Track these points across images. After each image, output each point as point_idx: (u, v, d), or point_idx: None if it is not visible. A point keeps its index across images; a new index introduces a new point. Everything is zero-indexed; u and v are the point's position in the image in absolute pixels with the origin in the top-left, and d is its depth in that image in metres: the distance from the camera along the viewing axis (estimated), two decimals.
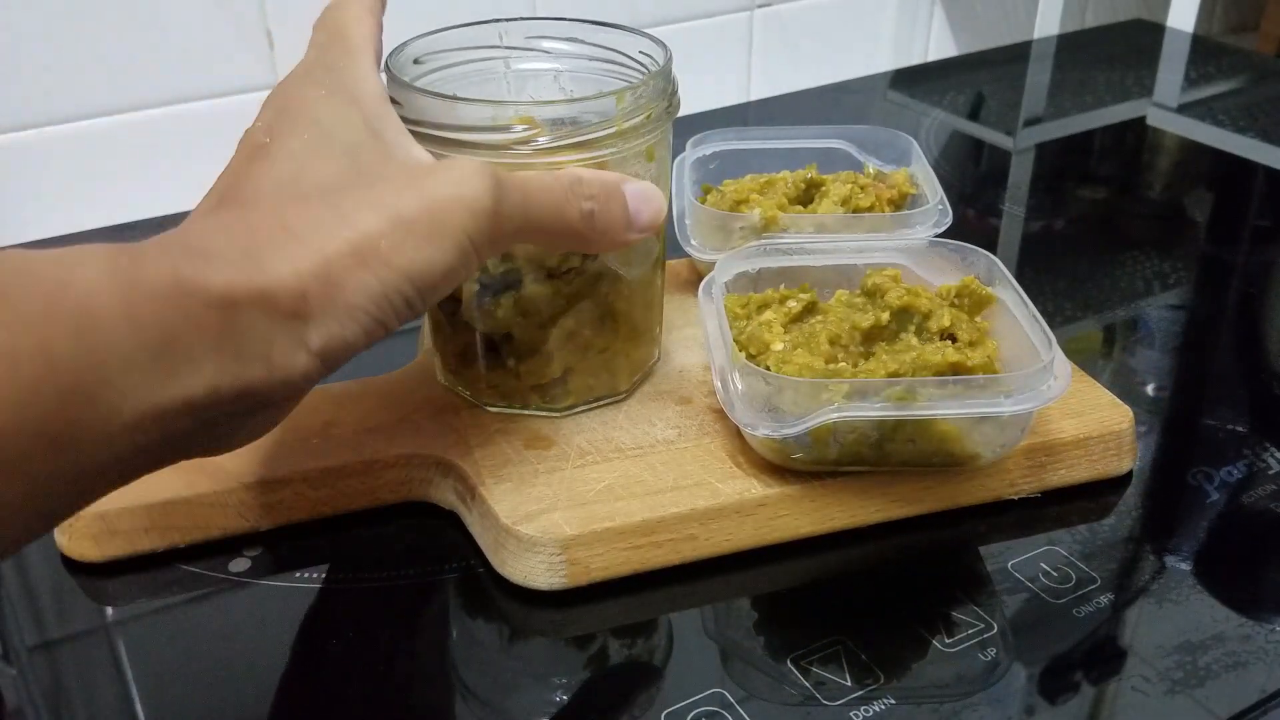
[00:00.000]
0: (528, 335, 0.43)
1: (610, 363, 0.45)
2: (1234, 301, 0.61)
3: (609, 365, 0.45)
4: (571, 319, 0.43)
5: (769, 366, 0.41)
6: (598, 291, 0.43)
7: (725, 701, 0.36)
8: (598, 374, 0.45)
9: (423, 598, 0.41)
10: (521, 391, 0.45)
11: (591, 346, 0.44)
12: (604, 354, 0.45)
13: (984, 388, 0.39)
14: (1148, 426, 0.49)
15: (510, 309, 0.43)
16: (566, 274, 0.42)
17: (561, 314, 0.43)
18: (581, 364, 0.44)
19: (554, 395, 0.45)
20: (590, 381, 0.45)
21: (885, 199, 0.54)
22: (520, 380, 0.44)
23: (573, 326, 0.43)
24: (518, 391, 0.45)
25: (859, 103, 0.87)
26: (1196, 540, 0.43)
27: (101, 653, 0.39)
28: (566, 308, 0.43)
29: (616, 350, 0.45)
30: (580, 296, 0.43)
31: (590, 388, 0.45)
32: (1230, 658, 0.38)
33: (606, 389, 0.46)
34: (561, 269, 0.42)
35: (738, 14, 0.87)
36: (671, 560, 0.41)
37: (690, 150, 0.57)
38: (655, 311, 0.47)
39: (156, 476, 0.42)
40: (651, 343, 0.48)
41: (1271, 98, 0.86)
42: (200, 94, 0.70)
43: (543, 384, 0.44)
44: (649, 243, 0.44)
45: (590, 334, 0.44)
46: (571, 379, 0.45)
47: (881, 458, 0.42)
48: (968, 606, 0.40)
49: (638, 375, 0.47)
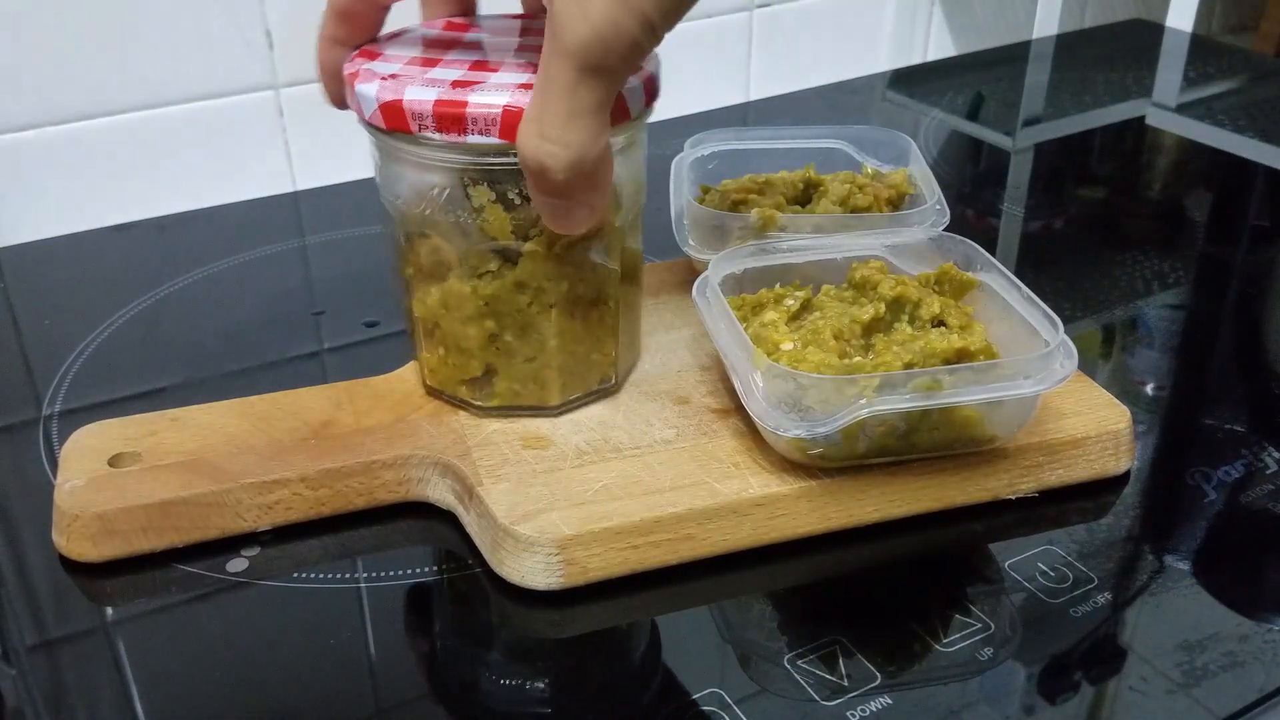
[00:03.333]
0: (452, 328, 0.44)
1: (539, 374, 0.44)
2: (1233, 301, 0.61)
3: (538, 376, 0.44)
4: (491, 321, 0.43)
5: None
6: (517, 300, 0.43)
7: (723, 701, 0.36)
8: (525, 382, 0.44)
9: (420, 598, 0.41)
10: (452, 382, 0.45)
11: (516, 354, 0.44)
12: (531, 364, 0.44)
13: (1005, 371, 0.40)
14: (1146, 426, 0.49)
15: (437, 300, 0.43)
16: (484, 276, 0.42)
17: (481, 315, 0.43)
18: (506, 368, 0.44)
19: (480, 393, 0.45)
20: (515, 388, 0.45)
21: (883, 199, 0.54)
22: (450, 370, 0.45)
23: (493, 329, 0.43)
24: (449, 381, 0.45)
25: (858, 103, 0.87)
26: (1194, 540, 0.43)
27: (100, 653, 0.39)
28: (486, 310, 0.43)
29: (546, 363, 0.44)
30: (500, 301, 0.43)
31: (516, 394, 0.45)
32: (1228, 657, 0.38)
33: (534, 399, 0.45)
34: (479, 270, 0.42)
35: (737, 14, 0.87)
36: (669, 560, 0.41)
37: (689, 150, 0.57)
38: (604, 339, 0.45)
39: (155, 477, 0.42)
40: (594, 366, 0.46)
41: (1271, 97, 0.86)
42: (200, 94, 0.70)
43: (468, 379, 0.45)
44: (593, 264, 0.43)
45: (514, 341, 0.44)
46: (496, 381, 0.44)
47: (907, 448, 0.42)
48: (965, 606, 0.40)
49: (575, 395, 0.46)
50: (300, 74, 0.72)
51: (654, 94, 0.42)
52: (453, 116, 0.38)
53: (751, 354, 0.41)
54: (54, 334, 0.57)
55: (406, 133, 0.39)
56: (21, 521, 0.45)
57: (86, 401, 0.51)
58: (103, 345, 0.56)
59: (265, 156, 0.73)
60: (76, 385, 0.53)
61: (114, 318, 0.58)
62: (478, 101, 0.38)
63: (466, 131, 0.39)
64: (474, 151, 0.39)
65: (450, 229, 0.42)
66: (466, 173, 0.40)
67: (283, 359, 0.55)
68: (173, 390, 0.52)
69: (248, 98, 0.71)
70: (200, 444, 0.44)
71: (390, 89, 0.39)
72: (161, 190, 0.70)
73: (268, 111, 0.72)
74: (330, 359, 0.55)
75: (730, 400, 0.46)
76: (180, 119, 0.70)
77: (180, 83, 0.69)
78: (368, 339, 0.56)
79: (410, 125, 0.39)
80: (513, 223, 0.41)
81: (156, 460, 0.43)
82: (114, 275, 0.63)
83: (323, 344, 0.57)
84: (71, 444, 0.44)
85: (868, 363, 0.42)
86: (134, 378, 0.53)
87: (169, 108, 0.70)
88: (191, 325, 0.58)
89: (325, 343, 0.57)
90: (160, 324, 0.58)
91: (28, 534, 0.44)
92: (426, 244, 0.43)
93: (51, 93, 0.66)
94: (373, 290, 0.60)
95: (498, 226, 0.41)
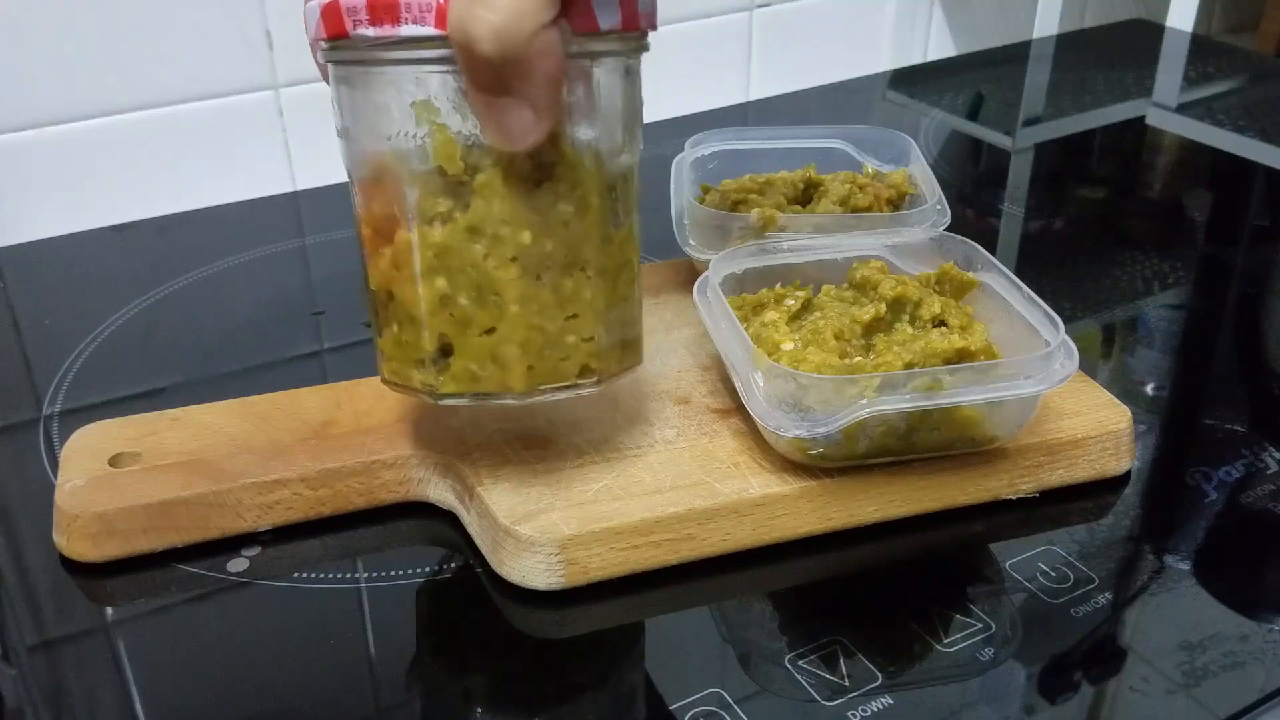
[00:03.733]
0: (403, 293, 0.39)
1: (499, 350, 0.38)
2: (1233, 301, 0.61)
3: (497, 353, 0.38)
4: (443, 278, 0.38)
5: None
6: (471, 252, 0.37)
7: (723, 701, 0.36)
8: (483, 361, 0.39)
9: (420, 598, 0.41)
10: (407, 366, 0.40)
11: (473, 323, 0.38)
12: (490, 337, 0.38)
13: (1005, 371, 0.40)
14: (1146, 426, 0.49)
15: (388, 262, 0.39)
16: (432, 221, 0.37)
17: (431, 270, 0.38)
18: (462, 342, 0.39)
19: (435, 375, 0.39)
20: (473, 368, 0.39)
21: (884, 199, 0.54)
22: (403, 350, 0.40)
23: (445, 289, 0.38)
24: (404, 365, 0.40)
25: (858, 103, 0.87)
26: (1195, 540, 0.43)
27: (100, 653, 0.39)
28: (437, 264, 0.38)
29: (507, 336, 0.38)
30: (450, 253, 0.38)
31: (474, 376, 0.39)
32: (1228, 657, 0.38)
33: (495, 383, 0.39)
34: (428, 215, 0.37)
35: (737, 14, 0.87)
36: (669, 560, 0.41)
37: (689, 150, 0.57)
38: (581, 317, 0.39)
39: (156, 477, 0.42)
40: (570, 353, 0.40)
41: (1271, 97, 0.86)
42: (200, 94, 0.70)
43: (421, 359, 0.39)
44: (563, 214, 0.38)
45: (469, 305, 0.38)
46: (453, 361, 0.39)
47: (907, 448, 0.42)
48: (966, 606, 0.40)
49: (545, 383, 0.40)
50: (300, 74, 0.72)
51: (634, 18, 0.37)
52: (386, 5, 0.34)
53: (752, 354, 0.41)
54: (54, 334, 0.57)
55: (343, 36, 0.36)
56: (22, 521, 0.45)
57: (87, 401, 0.51)
58: (103, 345, 0.56)
59: (265, 156, 0.73)
60: (76, 385, 0.53)
61: (114, 318, 0.58)
62: None
63: (400, 20, 0.34)
64: (412, 48, 0.35)
65: (399, 165, 0.37)
66: (409, 81, 0.36)
67: (282, 359, 0.55)
68: (172, 390, 0.52)
69: (247, 97, 0.71)
70: (200, 444, 0.44)
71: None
72: (161, 190, 0.70)
73: (267, 111, 0.72)
74: (330, 359, 0.55)
75: (731, 400, 0.46)
76: (180, 119, 0.70)
77: (180, 83, 0.69)
78: (368, 339, 0.56)
79: (345, 24, 0.35)
80: (464, 150, 0.37)
81: (156, 460, 0.43)
82: (114, 275, 0.63)
83: (322, 344, 0.57)
84: (72, 444, 0.44)
85: (868, 363, 0.42)
86: (134, 378, 0.53)
87: (169, 108, 0.70)
88: (191, 325, 0.58)
89: (325, 343, 0.57)
90: (160, 324, 0.58)
91: (28, 534, 0.44)
92: (379, 192, 0.38)
93: (51, 93, 0.66)
94: None
95: (444, 151, 0.36)
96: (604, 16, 0.36)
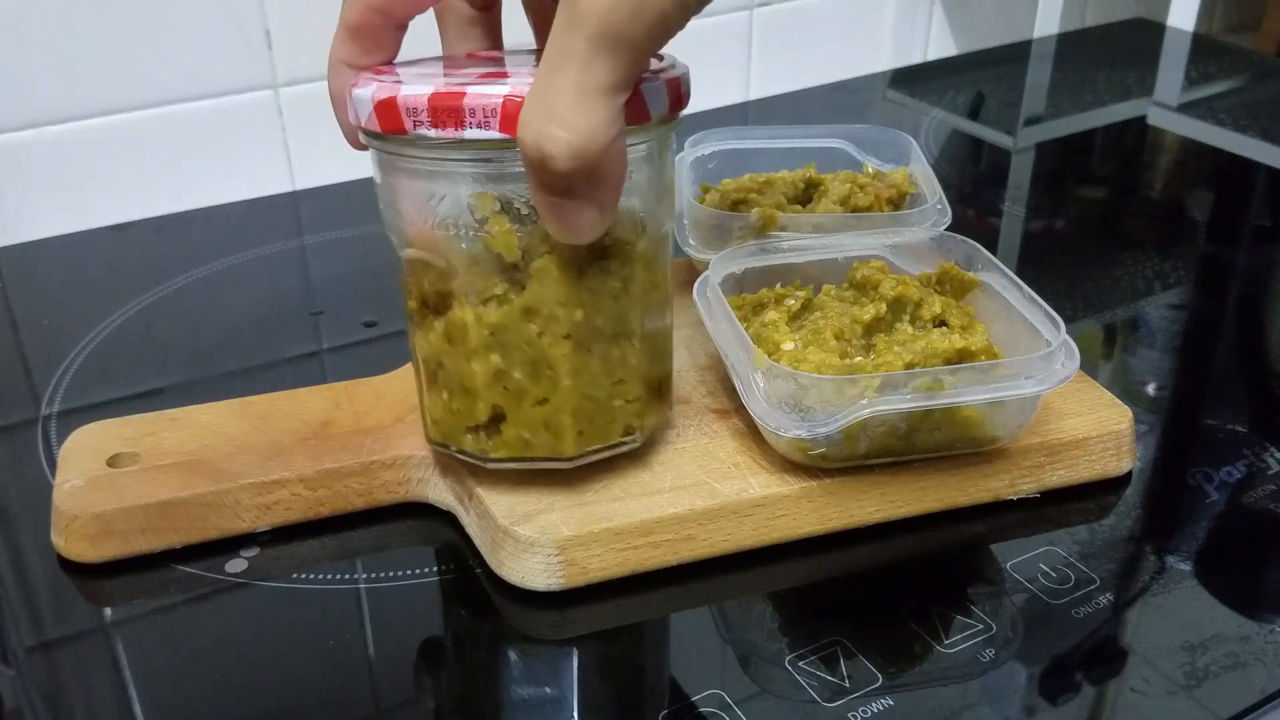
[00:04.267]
0: (456, 366, 0.40)
1: (552, 419, 0.40)
2: (1234, 301, 0.61)
3: (550, 422, 0.40)
4: (498, 354, 0.39)
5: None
6: (526, 330, 0.39)
7: (723, 702, 0.36)
8: (535, 429, 0.40)
9: (420, 598, 0.41)
10: (457, 431, 0.41)
11: (526, 394, 0.40)
12: (543, 407, 0.40)
13: (1006, 371, 0.40)
14: (1147, 426, 0.49)
15: (440, 334, 0.40)
16: (489, 302, 0.38)
17: (486, 347, 0.39)
18: (515, 412, 0.40)
19: (487, 442, 0.41)
20: (525, 435, 0.40)
21: (884, 198, 0.54)
22: (454, 418, 0.41)
23: (499, 364, 0.39)
24: (454, 430, 0.41)
25: (858, 102, 0.87)
26: (1196, 540, 0.43)
27: (99, 653, 0.39)
28: (492, 341, 0.39)
29: (560, 406, 0.40)
30: (506, 330, 0.39)
31: (526, 443, 0.40)
32: (1230, 658, 0.38)
33: (547, 449, 0.40)
34: (484, 295, 0.38)
35: (737, 13, 0.87)
36: (669, 560, 0.41)
37: (689, 150, 0.57)
38: (628, 382, 0.41)
39: (154, 477, 0.42)
40: (616, 416, 0.41)
41: (1272, 97, 0.86)
42: (200, 94, 0.70)
43: (473, 426, 0.41)
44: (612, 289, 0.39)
45: (523, 379, 0.39)
46: (505, 428, 0.40)
47: (908, 448, 0.42)
48: (966, 607, 0.40)
49: (594, 446, 0.41)
50: (299, 74, 0.72)
51: (680, 101, 0.38)
52: (449, 109, 0.35)
53: (752, 354, 0.41)
54: (53, 334, 0.57)
55: (401, 133, 0.36)
56: (20, 522, 0.45)
57: (85, 401, 0.51)
58: (101, 345, 0.56)
59: (264, 156, 0.73)
60: (75, 385, 0.53)
61: (113, 318, 0.58)
62: (477, 92, 0.35)
63: (464, 124, 0.35)
64: (473, 149, 0.36)
65: (452, 248, 0.38)
66: (467, 178, 0.37)
67: (281, 359, 0.55)
68: (171, 390, 0.52)
69: (247, 97, 0.71)
70: (199, 444, 0.44)
71: (387, 88, 0.36)
72: (160, 190, 0.70)
73: (267, 111, 0.72)
74: (329, 359, 0.55)
75: (731, 400, 0.46)
76: (180, 119, 0.70)
77: (180, 83, 0.69)
78: (367, 339, 0.56)
79: (405, 123, 0.36)
80: (520, 237, 0.38)
81: (155, 460, 0.43)
82: (113, 275, 0.63)
83: (322, 344, 0.57)
84: (70, 444, 0.44)
85: (869, 363, 0.41)
86: (133, 378, 0.53)
87: (168, 107, 0.70)
88: (190, 325, 0.58)
89: (324, 343, 0.57)
90: (159, 324, 0.58)
91: (26, 534, 0.44)
92: (430, 270, 0.39)
93: (51, 93, 0.66)
94: (372, 290, 0.60)
95: (503, 241, 0.38)
96: (654, 106, 0.37)
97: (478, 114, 0.35)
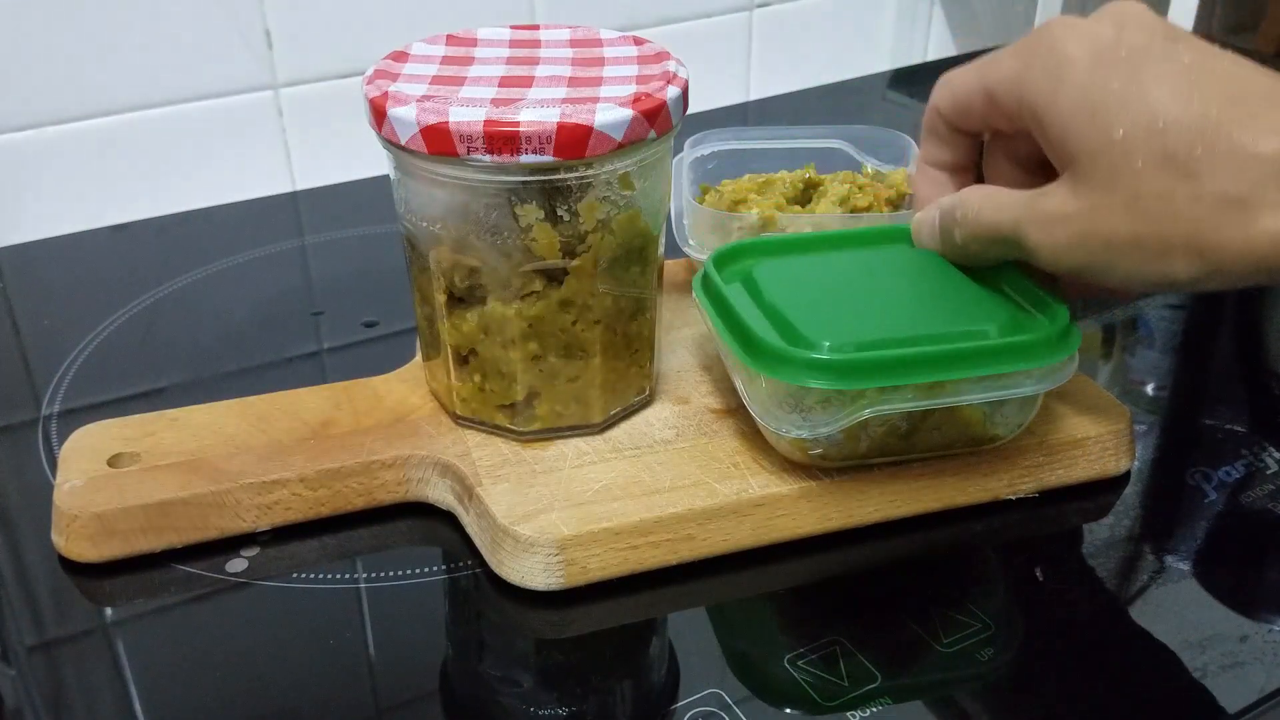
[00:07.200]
0: (492, 353, 0.43)
1: (583, 393, 0.43)
2: (1233, 301, 0.61)
3: (581, 395, 0.44)
4: (535, 343, 0.42)
5: None
6: (562, 319, 0.42)
7: (723, 702, 0.36)
8: (567, 403, 0.44)
9: (420, 598, 0.41)
10: (488, 408, 0.44)
11: (560, 374, 0.43)
12: (575, 383, 0.43)
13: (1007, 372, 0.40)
14: (1146, 426, 0.49)
15: (475, 325, 0.42)
16: (527, 297, 0.41)
17: (525, 337, 0.42)
18: (549, 390, 0.43)
19: (520, 417, 0.44)
20: (558, 409, 0.44)
21: (883, 199, 0.54)
22: (486, 397, 0.44)
23: (536, 351, 0.42)
24: (485, 408, 0.44)
25: (858, 103, 0.87)
26: (1194, 540, 0.43)
27: (99, 653, 0.39)
28: (530, 331, 0.42)
29: (590, 381, 0.43)
30: (544, 321, 0.42)
31: (559, 415, 0.44)
32: (1228, 657, 0.38)
33: (578, 418, 0.44)
34: (523, 291, 0.41)
35: (737, 14, 0.87)
36: (669, 560, 0.41)
37: (688, 150, 0.57)
38: (642, 351, 0.45)
39: (154, 477, 0.42)
40: (632, 380, 0.45)
41: None
42: (200, 94, 0.70)
43: (507, 404, 0.44)
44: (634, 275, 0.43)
45: (557, 361, 0.43)
46: (538, 404, 0.43)
47: (908, 448, 0.42)
48: (965, 607, 0.40)
49: (616, 409, 0.45)
50: (300, 74, 0.72)
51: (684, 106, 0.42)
52: (505, 136, 0.37)
53: None
54: (53, 334, 0.57)
55: (451, 155, 0.38)
56: (21, 522, 0.45)
57: (85, 401, 0.51)
58: (102, 345, 0.56)
59: (264, 156, 0.73)
60: (75, 385, 0.53)
61: (113, 318, 0.58)
62: (531, 119, 0.37)
63: (520, 151, 0.38)
64: (524, 171, 0.38)
65: (490, 250, 0.40)
66: (514, 192, 0.39)
67: (282, 359, 0.55)
68: (172, 390, 0.52)
69: (247, 97, 0.71)
70: (199, 444, 0.44)
71: (432, 111, 0.38)
72: (160, 190, 0.70)
73: (267, 111, 0.72)
74: (329, 359, 0.55)
75: (730, 400, 0.46)
76: (180, 119, 0.70)
77: (180, 83, 0.69)
78: (367, 339, 0.56)
79: (457, 148, 0.38)
80: (561, 241, 0.40)
81: (155, 460, 0.43)
82: (113, 275, 0.63)
83: (322, 344, 0.57)
84: (70, 444, 0.44)
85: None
86: (133, 378, 0.53)
87: (168, 107, 0.70)
88: (190, 325, 0.58)
89: (324, 343, 0.57)
90: (159, 324, 0.58)
91: (27, 534, 0.44)
92: (462, 267, 0.41)
93: (51, 93, 0.66)
94: (372, 290, 0.60)
95: (546, 245, 0.40)
96: (675, 112, 0.41)
97: (534, 140, 0.37)
